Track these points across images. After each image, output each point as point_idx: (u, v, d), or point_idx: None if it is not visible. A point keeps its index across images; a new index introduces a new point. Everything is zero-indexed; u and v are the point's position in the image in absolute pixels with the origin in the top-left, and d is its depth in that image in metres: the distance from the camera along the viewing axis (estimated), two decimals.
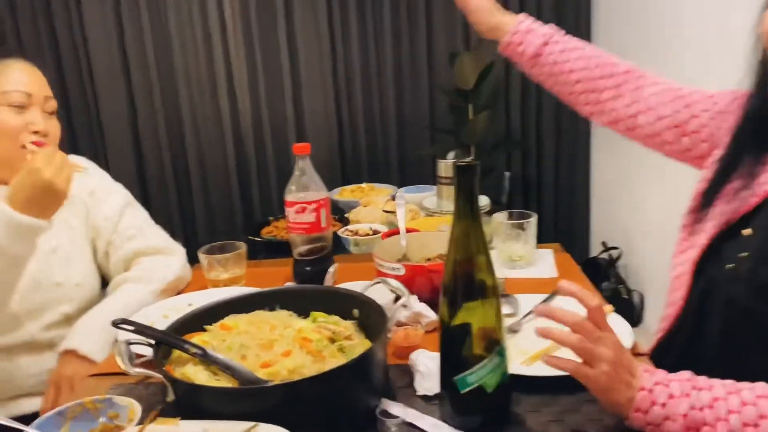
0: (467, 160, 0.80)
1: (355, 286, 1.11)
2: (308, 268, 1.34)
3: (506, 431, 0.77)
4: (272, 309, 1.05)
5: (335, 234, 1.77)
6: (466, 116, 3.02)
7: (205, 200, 3.46)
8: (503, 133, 3.30)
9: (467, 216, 0.81)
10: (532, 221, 1.40)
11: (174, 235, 3.62)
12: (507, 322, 1.11)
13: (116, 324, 0.92)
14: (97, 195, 1.38)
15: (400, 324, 1.13)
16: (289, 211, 1.33)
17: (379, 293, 1.05)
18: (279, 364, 0.89)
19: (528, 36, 1.21)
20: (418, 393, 0.93)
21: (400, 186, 2.41)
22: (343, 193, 2.26)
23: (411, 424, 0.85)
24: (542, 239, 1.52)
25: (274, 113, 3.31)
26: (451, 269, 0.83)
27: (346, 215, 1.96)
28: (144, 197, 3.48)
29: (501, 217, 1.43)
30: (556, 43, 1.21)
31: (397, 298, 1.11)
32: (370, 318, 0.99)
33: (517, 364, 0.96)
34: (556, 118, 3.23)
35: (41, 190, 1.05)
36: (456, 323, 0.82)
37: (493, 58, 3.11)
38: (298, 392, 0.80)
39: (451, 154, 1.99)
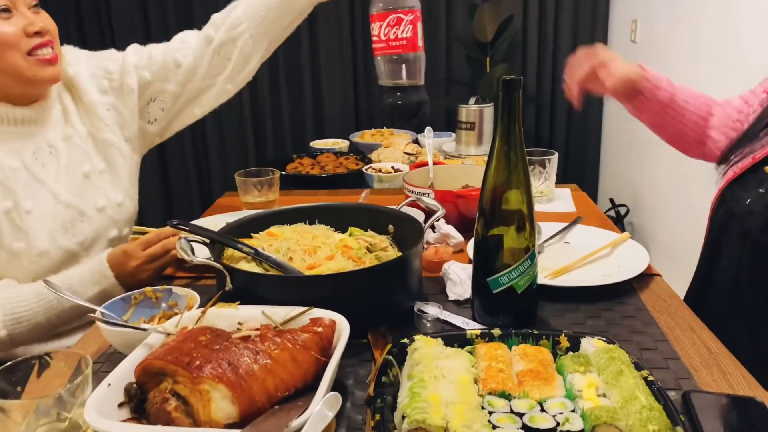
0: (511, 75, 0.85)
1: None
2: (398, 94, 1.12)
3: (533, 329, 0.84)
4: (312, 223, 1.12)
5: (360, 172, 1.83)
6: (484, 69, 3.05)
7: (219, 139, 3.50)
8: None
9: (509, 133, 0.86)
10: (554, 159, 1.46)
11: (187, 170, 3.68)
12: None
13: (173, 224, 0.99)
14: (116, 78, 1.28)
15: (429, 244, 1.21)
16: (378, 27, 1.08)
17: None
18: (323, 266, 0.96)
19: (661, 81, 1.20)
20: (450, 298, 1.01)
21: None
22: (364, 137, 2.32)
23: (444, 321, 0.93)
24: None
25: (288, 60, 3.34)
26: (491, 185, 0.88)
27: (368, 156, 2.02)
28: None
29: None
30: (678, 88, 1.22)
31: (426, 221, 1.19)
32: (405, 232, 1.06)
33: (542, 277, 1.04)
34: None
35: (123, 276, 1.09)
36: (493, 234, 0.89)
37: (512, 11, 3.13)
38: (345, 284, 0.87)
39: (472, 100, 2.04)
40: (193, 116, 1.37)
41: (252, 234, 1.07)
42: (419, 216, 1.22)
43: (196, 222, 1.39)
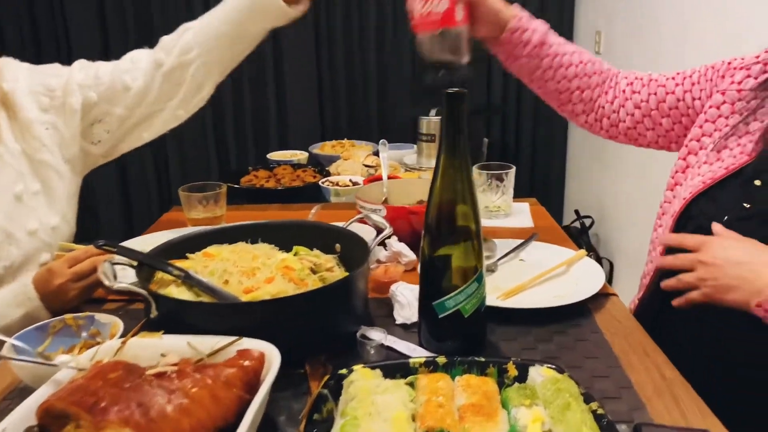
0: (456, 89, 0.81)
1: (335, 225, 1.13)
2: (438, 74, 1.07)
3: (482, 355, 0.79)
4: (254, 242, 1.06)
5: (317, 185, 1.78)
6: None
7: (180, 150, 3.42)
8: (484, 99, 3.32)
9: (454, 148, 0.82)
10: (511, 172, 1.42)
11: (147, 183, 3.57)
12: (485, 263, 1.14)
13: (99, 246, 0.92)
14: (58, 95, 1.20)
15: (380, 262, 1.16)
16: (415, 2, 1.03)
17: (360, 232, 1.06)
18: (262, 289, 0.90)
19: (532, 22, 1.12)
20: (397, 322, 0.95)
21: None
22: (324, 148, 2.26)
23: (389, 348, 0.88)
24: None
25: (252, 69, 3.27)
26: (436, 201, 0.84)
27: (327, 168, 1.97)
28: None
29: (480, 168, 1.45)
30: (555, 35, 1.16)
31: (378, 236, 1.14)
32: (352, 251, 1.00)
33: (494, 299, 1.00)
34: None
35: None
36: (438, 255, 0.84)
37: None
38: (280, 310, 0.81)
39: (433, 111, 2.00)
40: (141, 140, 1.31)
41: (188, 254, 1.00)
42: (371, 233, 1.17)
43: (139, 239, 1.32)
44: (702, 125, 1.07)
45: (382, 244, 1.18)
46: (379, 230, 1.04)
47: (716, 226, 0.91)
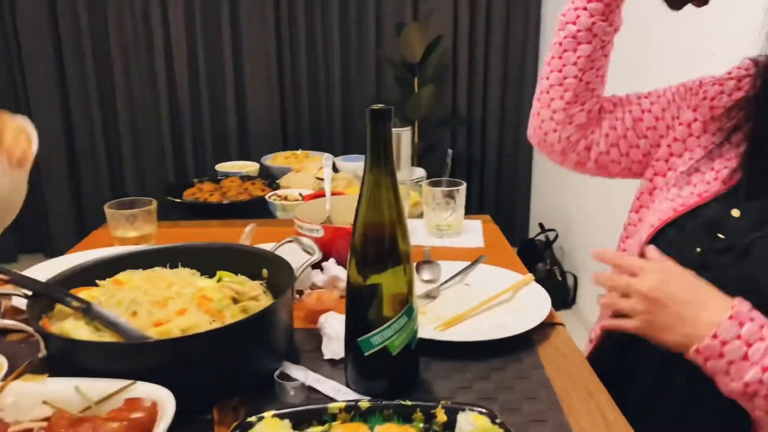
0: (381, 105, 0.74)
1: (265, 246, 1.05)
2: None
3: (411, 397, 0.72)
4: (174, 266, 0.97)
5: (263, 198, 1.69)
6: (412, 90, 2.97)
7: (136, 164, 3.31)
8: (449, 110, 3.27)
9: (380, 167, 0.75)
10: (462, 189, 1.36)
11: (102, 195, 3.45)
12: (427, 288, 1.07)
13: None
14: None
15: (315, 288, 1.08)
16: None
17: (294, 255, 0.99)
18: (172, 322, 0.81)
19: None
20: (325, 357, 0.87)
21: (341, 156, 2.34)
22: (277, 159, 2.18)
23: (311, 388, 0.80)
24: None
25: (212, 77, 3.18)
26: (361, 226, 0.77)
27: (278, 181, 1.88)
28: (71, 160, 3.30)
29: (431, 185, 1.38)
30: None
31: (319, 262, 1.05)
32: (279, 278, 0.92)
33: (431, 329, 0.93)
34: (502, 98, 3.21)
35: None
36: (364, 284, 0.77)
37: (441, 31, 3.06)
38: (185, 350, 0.73)
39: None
40: None
41: (98, 281, 0.91)
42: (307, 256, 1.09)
43: (53, 261, 1.22)
44: (671, 144, 1.01)
45: (319, 266, 1.10)
46: (312, 253, 0.97)
47: (651, 251, 0.84)
